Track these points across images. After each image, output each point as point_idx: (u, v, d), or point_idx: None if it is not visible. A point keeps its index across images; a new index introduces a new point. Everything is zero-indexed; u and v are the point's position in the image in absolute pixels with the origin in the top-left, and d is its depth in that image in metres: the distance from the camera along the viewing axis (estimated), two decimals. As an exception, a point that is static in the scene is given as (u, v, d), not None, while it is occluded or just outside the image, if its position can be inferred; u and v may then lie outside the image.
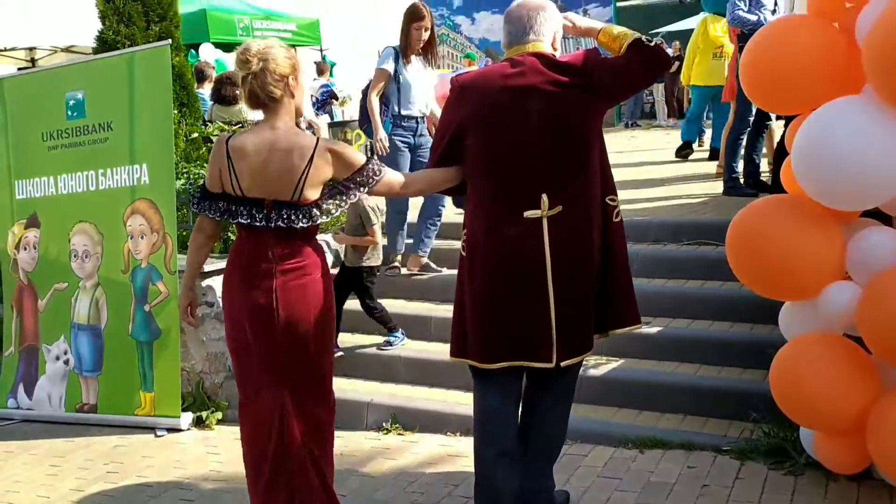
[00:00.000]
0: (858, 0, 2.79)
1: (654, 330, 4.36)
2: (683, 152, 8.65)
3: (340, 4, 16.58)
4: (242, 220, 2.77)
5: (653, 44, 2.77)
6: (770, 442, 3.39)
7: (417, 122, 5.22)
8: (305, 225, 2.75)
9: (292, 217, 2.73)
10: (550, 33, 2.84)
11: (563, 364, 2.78)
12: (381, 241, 4.84)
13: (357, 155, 2.86)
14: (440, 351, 4.51)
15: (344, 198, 2.83)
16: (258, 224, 2.74)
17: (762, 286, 2.90)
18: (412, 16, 5.07)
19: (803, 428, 3.11)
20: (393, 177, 2.92)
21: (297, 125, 3.00)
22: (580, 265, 2.76)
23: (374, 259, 4.78)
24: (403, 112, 5.16)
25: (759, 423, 3.52)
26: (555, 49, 2.87)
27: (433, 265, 5.33)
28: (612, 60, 2.79)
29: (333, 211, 2.81)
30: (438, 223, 5.33)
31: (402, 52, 5.14)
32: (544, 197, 2.70)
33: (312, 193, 2.76)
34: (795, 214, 2.78)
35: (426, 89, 5.26)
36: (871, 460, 2.82)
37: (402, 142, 5.15)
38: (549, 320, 2.73)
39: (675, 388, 4.02)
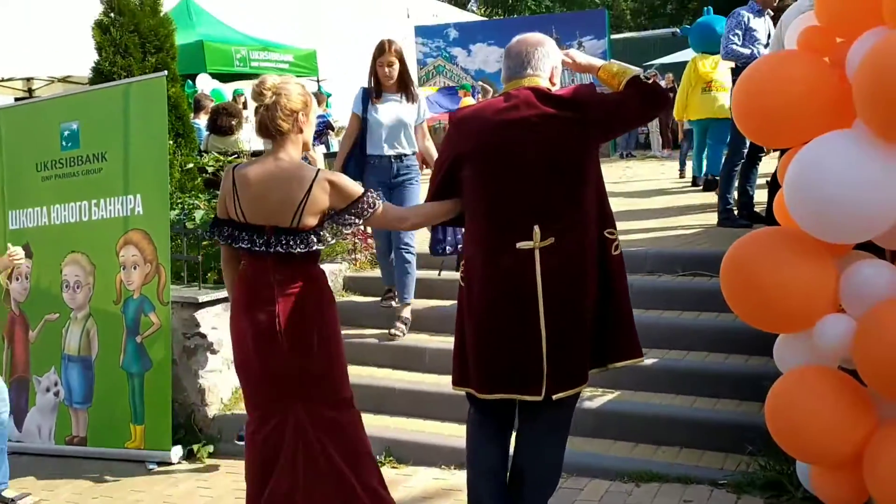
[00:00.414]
0: (848, 35, 2.82)
1: (649, 362, 4.33)
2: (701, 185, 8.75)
3: (337, 35, 16.76)
4: (244, 245, 2.91)
5: (650, 81, 2.81)
6: (766, 475, 3.36)
7: (391, 161, 5.03)
8: (303, 250, 2.86)
9: (291, 243, 2.84)
10: (548, 68, 2.90)
11: (554, 397, 2.76)
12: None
13: (354, 187, 2.96)
14: (434, 382, 4.49)
15: (341, 227, 2.95)
16: (258, 249, 2.87)
17: (756, 318, 2.88)
18: (376, 52, 4.99)
19: (800, 462, 3.08)
20: (389, 210, 3.05)
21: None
22: (573, 297, 2.77)
23: None
24: (371, 152, 5.01)
25: (755, 457, 3.50)
26: (553, 84, 2.91)
27: (402, 327, 5.09)
28: (608, 95, 2.84)
29: (330, 239, 2.94)
30: (411, 261, 5.08)
31: (372, 91, 5.06)
32: (536, 228, 2.72)
33: (311, 220, 2.87)
34: (788, 247, 2.77)
35: (399, 127, 5.04)
36: (868, 495, 2.78)
37: (378, 182, 4.93)
38: (541, 352, 2.73)
39: (671, 420, 4.00)
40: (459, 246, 3.28)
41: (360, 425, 3.11)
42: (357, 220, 2.92)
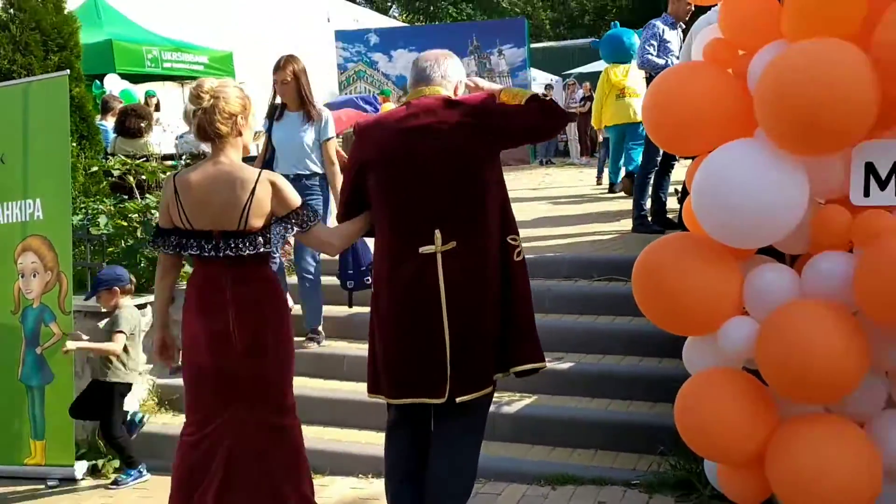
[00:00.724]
0: (750, 48, 2.92)
1: (565, 366, 4.40)
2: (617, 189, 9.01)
3: (255, 38, 16.45)
4: (193, 252, 2.91)
5: (548, 98, 2.95)
6: (677, 475, 3.44)
7: (293, 181, 4.81)
8: (252, 252, 2.87)
9: (240, 245, 2.85)
10: (452, 81, 2.98)
11: (458, 400, 2.79)
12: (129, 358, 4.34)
13: (295, 196, 2.97)
14: (353, 390, 4.43)
15: (283, 233, 2.98)
16: (207, 254, 2.87)
17: (665, 322, 2.95)
18: (273, 69, 4.85)
19: (708, 460, 3.16)
20: (323, 230, 3.05)
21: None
22: (475, 301, 2.81)
23: (123, 375, 4.34)
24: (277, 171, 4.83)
25: (666, 457, 3.58)
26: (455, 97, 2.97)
27: (318, 338, 5.05)
28: (510, 105, 2.90)
29: (276, 242, 2.97)
30: (315, 284, 5.00)
31: (276, 109, 4.95)
32: (437, 233, 2.76)
33: (257, 222, 2.87)
34: (696, 252, 2.85)
35: (297, 148, 4.87)
36: (771, 491, 2.88)
37: None
38: (444, 356, 2.76)
39: (587, 423, 4.06)
40: (367, 279, 3.47)
41: (301, 434, 3.09)
42: (296, 230, 2.93)
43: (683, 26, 6.46)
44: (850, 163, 2.74)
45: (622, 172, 8.81)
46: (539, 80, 17.49)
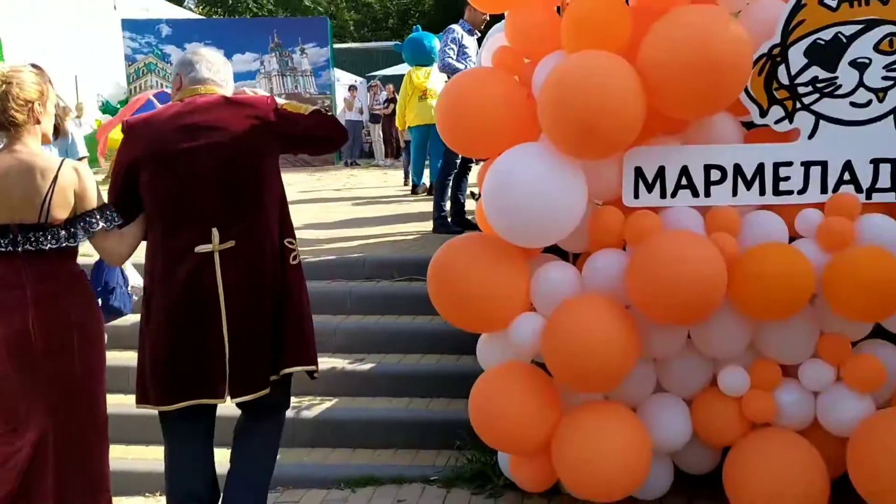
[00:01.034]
0: (534, 56, 3.08)
1: (367, 367, 4.40)
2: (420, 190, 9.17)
3: (35, 22, 15.01)
4: None
5: (329, 114, 2.98)
6: (473, 468, 3.55)
7: None
8: (55, 246, 2.65)
9: (40, 239, 2.65)
10: (228, 83, 2.93)
11: (236, 401, 2.76)
12: None
13: (92, 195, 2.73)
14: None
15: (88, 228, 2.72)
16: (5, 249, 2.63)
17: (458, 320, 3.04)
18: None
19: (501, 452, 3.30)
20: (115, 235, 2.78)
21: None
22: (254, 301, 2.76)
23: None
24: None
25: (463, 451, 3.68)
26: None
27: None
28: (291, 111, 2.88)
29: (80, 235, 2.70)
30: None
31: None
32: (215, 231, 2.70)
33: (60, 214, 2.66)
34: (486, 251, 2.96)
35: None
36: (557, 477, 3.06)
37: None
38: (223, 355, 2.71)
39: (388, 423, 4.08)
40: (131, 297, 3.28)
41: (108, 457, 2.83)
42: (104, 224, 2.71)
43: (479, 34, 6.69)
44: (622, 167, 2.98)
45: (426, 173, 8.99)
46: (343, 81, 17.46)
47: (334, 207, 8.49)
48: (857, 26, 2.86)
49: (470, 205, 6.71)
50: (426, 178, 9.21)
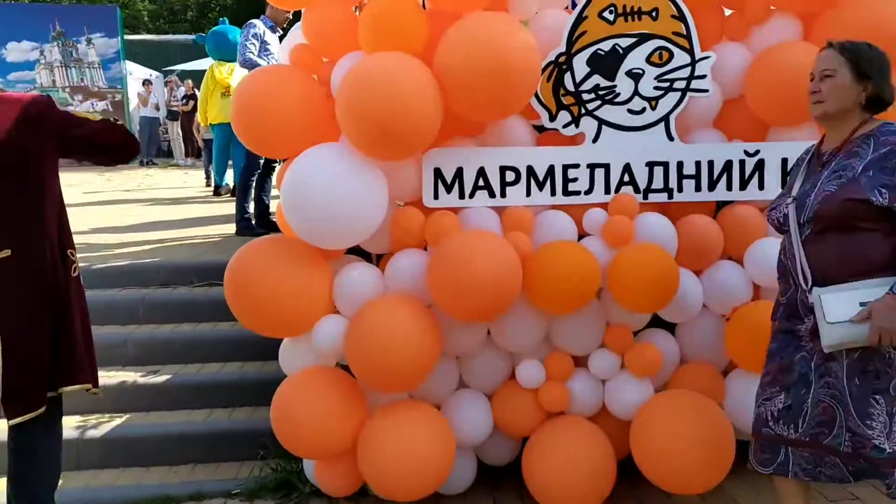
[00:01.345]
0: (332, 55, 3.04)
1: (162, 379, 4.13)
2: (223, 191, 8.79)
3: None
4: None
5: (120, 123, 2.81)
6: (278, 477, 3.44)
7: None
8: None
9: None
10: None
11: (11, 422, 2.56)
12: None
13: None
14: None
15: None
16: None
17: (258, 325, 2.93)
18: None
19: (306, 459, 3.22)
20: None
21: None
22: (32, 315, 2.51)
23: None
24: None
25: (267, 461, 3.56)
26: None
27: None
28: (76, 115, 2.66)
29: None
30: None
31: None
32: None
33: None
34: (285, 254, 2.87)
35: None
36: (363, 480, 3.04)
37: None
38: None
39: (186, 437, 3.85)
40: None
41: None
42: None
43: (281, 32, 6.52)
44: (422, 168, 3.02)
45: (230, 174, 8.64)
46: (136, 75, 16.36)
47: (127, 210, 7.94)
48: (632, 39, 3.09)
49: (276, 206, 6.53)
50: (229, 179, 8.86)
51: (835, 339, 2.18)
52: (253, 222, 6.36)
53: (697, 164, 3.16)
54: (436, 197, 3.05)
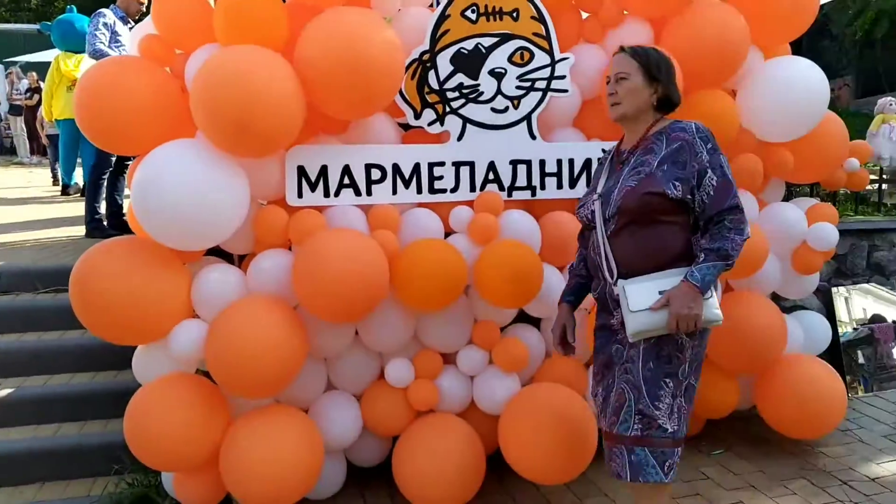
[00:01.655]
0: (186, 47, 2.89)
1: (3, 393, 3.81)
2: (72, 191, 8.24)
3: None
4: None
5: None
6: (134, 493, 3.25)
7: None
8: None
9: None
10: None
11: None
12: None
13: None
14: None
15: None
16: None
17: (108, 332, 2.75)
18: None
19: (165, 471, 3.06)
20: None
21: None
22: None
23: None
24: None
25: (123, 476, 3.35)
26: None
27: None
28: None
29: None
30: None
31: None
32: None
33: None
34: (138, 256, 2.71)
35: None
36: (227, 490, 2.91)
37: None
38: None
39: (32, 454, 3.56)
40: None
41: None
42: None
43: (133, 24, 6.19)
44: (285, 165, 2.93)
45: (79, 172, 8.10)
46: (-27, 66, 15.12)
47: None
48: (494, 39, 3.14)
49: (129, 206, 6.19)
50: (78, 178, 8.32)
51: (638, 326, 2.26)
52: (104, 223, 6.00)
53: (559, 162, 3.26)
54: (300, 195, 2.97)
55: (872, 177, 5.40)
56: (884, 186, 5.85)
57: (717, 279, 2.27)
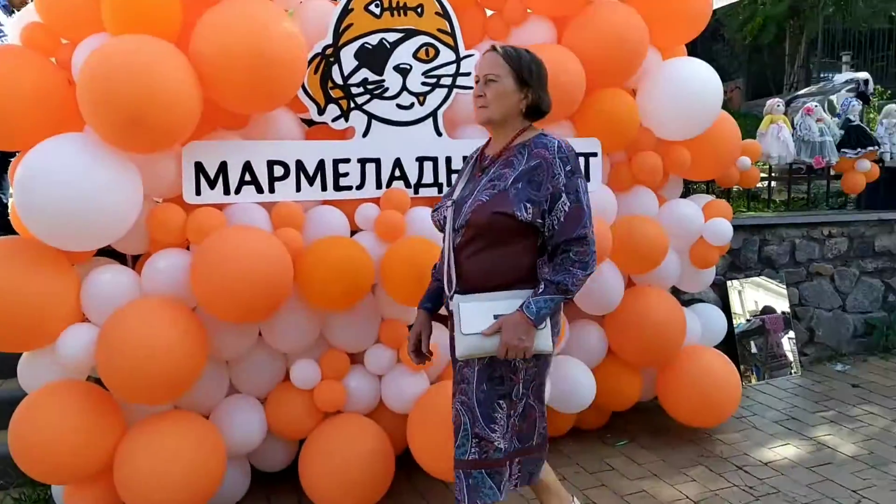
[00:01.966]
0: (73, 37, 2.74)
1: None
2: None
3: None
4: None
5: None
6: (22, 508, 3.07)
7: None
8: None
9: None
10: None
11: None
12: None
13: None
14: None
15: None
16: None
17: (-12, 339, 2.57)
18: None
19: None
20: None
21: None
22: None
23: None
24: None
25: (7, 490, 3.16)
26: None
27: None
28: None
29: None
30: None
31: None
32: None
33: None
34: (21, 257, 2.55)
35: None
36: (121, 502, 2.78)
37: None
38: None
39: None
40: None
41: None
42: None
43: (16, 12, 5.84)
44: (181, 162, 2.81)
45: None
46: None
47: None
48: (399, 34, 3.11)
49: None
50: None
51: (468, 349, 2.17)
52: (-10, 222, 5.64)
53: (465, 159, 3.25)
54: (198, 193, 2.86)
55: (763, 175, 5.66)
56: (773, 184, 6.13)
57: (553, 310, 2.16)
